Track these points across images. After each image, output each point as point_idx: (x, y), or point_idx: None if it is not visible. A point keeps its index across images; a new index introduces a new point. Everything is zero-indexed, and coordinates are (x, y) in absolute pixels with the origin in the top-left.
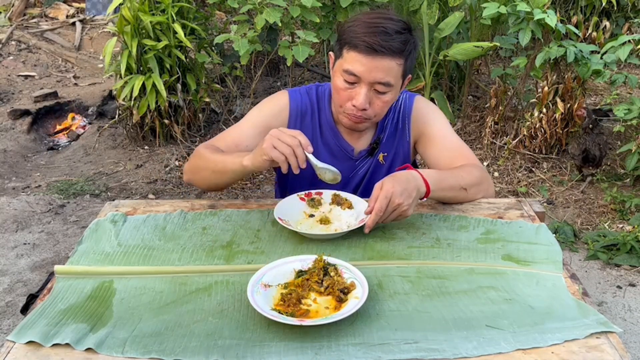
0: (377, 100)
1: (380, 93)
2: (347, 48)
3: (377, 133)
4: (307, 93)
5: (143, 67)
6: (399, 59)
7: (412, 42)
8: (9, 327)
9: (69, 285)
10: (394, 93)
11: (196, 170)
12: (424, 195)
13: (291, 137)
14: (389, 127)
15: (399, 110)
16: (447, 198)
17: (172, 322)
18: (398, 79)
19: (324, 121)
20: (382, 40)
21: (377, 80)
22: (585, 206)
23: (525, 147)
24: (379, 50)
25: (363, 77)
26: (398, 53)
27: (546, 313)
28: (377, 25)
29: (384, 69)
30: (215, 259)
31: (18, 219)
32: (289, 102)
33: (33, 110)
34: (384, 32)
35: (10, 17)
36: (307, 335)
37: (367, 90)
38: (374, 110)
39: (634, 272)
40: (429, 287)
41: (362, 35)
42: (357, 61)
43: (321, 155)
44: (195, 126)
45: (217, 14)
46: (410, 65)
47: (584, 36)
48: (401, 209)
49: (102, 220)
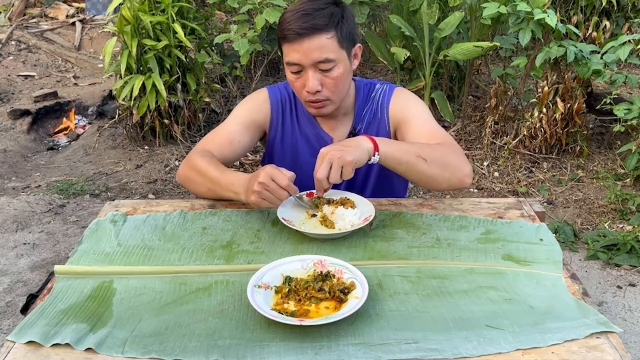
0: (327, 79)
1: (327, 71)
2: (282, 42)
3: (355, 123)
4: (285, 87)
5: (143, 67)
6: (328, 33)
7: (338, 12)
8: (9, 327)
9: (69, 285)
10: (342, 67)
11: (190, 182)
12: (373, 151)
13: (280, 191)
14: (367, 117)
15: (377, 100)
16: (403, 163)
17: (172, 322)
18: (338, 51)
19: (301, 113)
20: (303, 22)
21: (316, 60)
22: (585, 206)
23: (525, 147)
24: (302, 33)
25: (302, 62)
26: (324, 28)
27: (546, 313)
28: (297, 10)
29: (317, 47)
30: (215, 259)
31: (18, 219)
32: (268, 96)
33: (33, 110)
34: (304, 14)
35: (10, 17)
36: (307, 335)
37: (313, 73)
38: (328, 89)
39: (634, 272)
40: (429, 287)
41: (287, 25)
42: (291, 50)
43: (300, 148)
44: (195, 126)
45: (217, 14)
46: (348, 34)
47: (584, 36)
48: (339, 160)
49: (102, 220)
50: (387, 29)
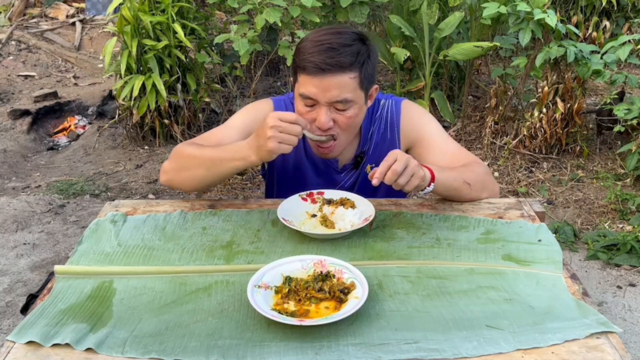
0: (341, 117)
1: (341, 110)
2: (299, 71)
3: (362, 145)
4: (292, 102)
5: (143, 67)
6: (352, 72)
7: (365, 52)
8: (9, 327)
9: (69, 285)
10: (357, 107)
11: (182, 169)
12: (430, 181)
13: (292, 126)
14: (374, 137)
15: (385, 118)
16: (452, 190)
17: (172, 322)
18: (357, 92)
19: None
20: (327, 57)
21: (333, 100)
22: (585, 206)
23: (525, 147)
24: (326, 69)
25: (318, 98)
26: (348, 67)
27: (546, 313)
28: (322, 42)
29: (337, 86)
30: (215, 259)
31: (18, 219)
32: (273, 110)
33: (33, 110)
34: (330, 49)
35: (10, 17)
36: (307, 335)
37: (326, 110)
38: (340, 127)
39: (634, 272)
40: (429, 287)
41: (309, 56)
42: (309, 83)
43: (305, 167)
44: (195, 126)
45: (217, 14)
46: (369, 75)
47: (584, 36)
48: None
49: (102, 220)
50: (387, 29)
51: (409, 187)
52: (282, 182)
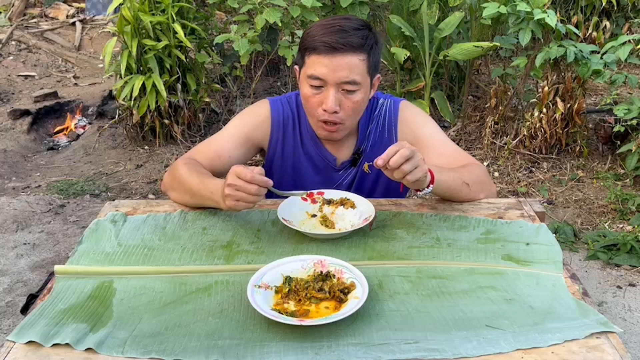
0: (347, 101)
1: (349, 92)
2: (308, 53)
3: (359, 143)
4: (288, 102)
5: (143, 67)
6: (361, 54)
7: (372, 37)
8: (9, 327)
9: (69, 285)
10: (363, 92)
11: (173, 189)
12: (429, 182)
13: (248, 186)
14: (372, 135)
15: (383, 117)
16: (450, 190)
17: (172, 322)
18: (364, 76)
19: (305, 131)
20: (340, 37)
21: (342, 80)
22: (585, 206)
23: (525, 147)
24: (338, 48)
25: (327, 78)
26: (359, 48)
27: (546, 313)
28: (333, 25)
29: (347, 66)
30: (215, 259)
31: (18, 219)
32: (270, 113)
33: (33, 110)
34: (341, 30)
35: (10, 17)
36: (307, 335)
37: (334, 92)
38: (345, 112)
39: (634, 272)
40: (429, 287)
41: (320, 36)
42: (319, 62)
43: (303, 166)
44: (195, 126)
45: (217, 14)
46: (375, 63)
47: (584, 36)
48: (420, 161)
49: (102, 220)
50: (387, 29)
51: (411, 177)
52: (281, 181)
